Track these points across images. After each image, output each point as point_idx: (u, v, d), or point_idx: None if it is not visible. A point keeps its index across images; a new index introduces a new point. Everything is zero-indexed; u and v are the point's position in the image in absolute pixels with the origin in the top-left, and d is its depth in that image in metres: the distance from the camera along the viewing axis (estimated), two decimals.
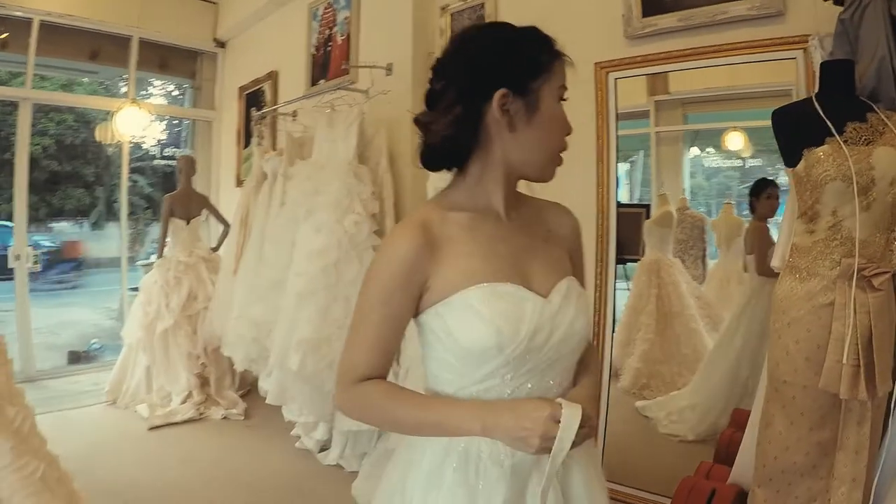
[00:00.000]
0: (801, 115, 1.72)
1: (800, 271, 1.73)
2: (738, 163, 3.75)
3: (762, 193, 3.09)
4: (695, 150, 4.03)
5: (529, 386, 1.05)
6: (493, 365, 1.02)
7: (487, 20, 3.29)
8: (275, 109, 4.36)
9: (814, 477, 1.74)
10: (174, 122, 7.45)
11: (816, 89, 1.81)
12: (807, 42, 2.18)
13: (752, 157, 3.57)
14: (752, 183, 3.30)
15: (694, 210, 4.00)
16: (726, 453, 2.46)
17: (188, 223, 4.35)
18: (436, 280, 1.04)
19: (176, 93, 7.40)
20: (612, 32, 2.89)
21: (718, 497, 2.14)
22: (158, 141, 7.68)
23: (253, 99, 4.90)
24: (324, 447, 3.51)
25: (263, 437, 3.77)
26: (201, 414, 4.01)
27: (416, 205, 3.44)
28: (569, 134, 1.11)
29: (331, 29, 4.12)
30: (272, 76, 4.71)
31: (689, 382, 3.15)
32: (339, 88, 3.65)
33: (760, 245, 2.93)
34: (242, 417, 4.06)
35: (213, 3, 5.50)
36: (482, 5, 3.35)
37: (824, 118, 1.66)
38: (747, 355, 2.84)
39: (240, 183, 4.97)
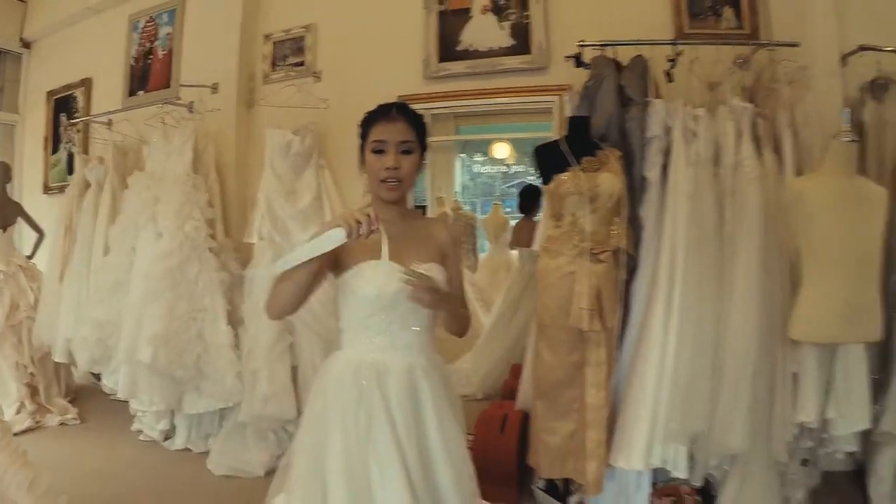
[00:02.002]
0: (553, 151, 2.65)
1: (551, 252, 2.64)
2: (503, 168, 4.77)
3: (529, 197, 4.11)
4: (465, 158, 5.00)
5: (395, 328, 1.72)
6: (374, 308, 1.71)
7: (307, 51, 3.93)
8: (92, 117, 4.49)
9: (572, 387, 2.67)
10: None
11: (565, 133, 2.75)
12: (563, 89, 3.19)
13: (516, 163, 4.60)
14: (516, 185, 4.29)
15: (466, 210, 4.98)
16: (511, 395, 3.37)
17: (4, 231, 4.32)
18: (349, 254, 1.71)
19: None
20: (414, 73, 3.70)
21: (510, 418, 3.06)
22: None
23: (63, 105, 4.91)
24: (167, 436, 3.83)
25: (107, 437, 3.95)
26: (37, 422, 4.06)
27: (242, 211, 4.00)
28: (385, 167, 1.73)
29: (152, 42, 4.40)
30: (86, 83, 4.79)
31: (467, 352, 4.04)
32: (166, 102, 3.99)
33: (529, 234, 3.90)
34: (79, 421, 4.18)
35: (22, 1, 5.33)
36: (302, 38, 3.95)
37: (568, 155, 2.60)
38: (525, 325, 3.78)
39: (47, 189, 4.97)
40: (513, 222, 4.76)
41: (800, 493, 2.85)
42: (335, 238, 1.53)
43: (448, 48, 3.57)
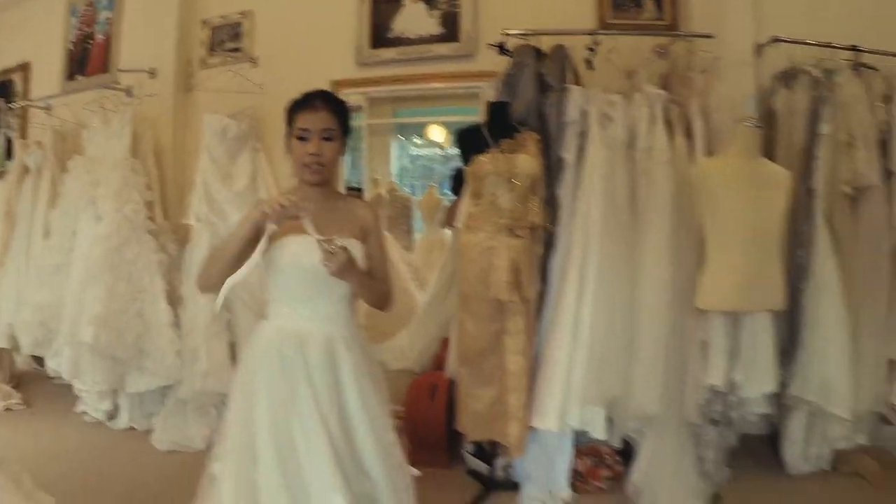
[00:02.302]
0: (475, 135, 2.84)
1: (472, 229, 2.83)
2: (438, 151, 4.94)
3: (461, 179, 4.27)
4: (403, 141, 5.14)
5: (317, 299, 1.87)
6: (297, 279, 1.86)
7: (244, 37, 4.03)
8: (30, 102, 4.50)
9: (494, 354, 2.87)
10: None
11: (486, 118, 2.92)
12: (490, 75, 3.36)
13: (452, 146, 4.76)
14: (450, 167, 4.46)
15: (401, 192, 5.14)
16: (441, 366, 3.55)
17: None
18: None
19: None
20: (347, 59, 3.88)
21: (438, 387, 3.25)
22: None
23: (1, 89, 4.90)
24: (111, 416, 3.91)
25: (52, 420, 4.00)
26: None
27: (179, 193, 4.09)
28: (308, 152, 1.87)
29: (90, 27, 4.42)
30: (24, 68, 4.79)
31: (403, 329, 4.20)
32: (104, 87, 4.04)
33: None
34: (23, 406, 4.21)
35: None
36: (239, 24, 4.04)
37: (488, 137, 2.77)
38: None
39: None
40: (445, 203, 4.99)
41: (712, 453, 3.08)
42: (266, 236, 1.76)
43: (380, 35, 3.75)
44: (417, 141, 5.03)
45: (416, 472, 2.16)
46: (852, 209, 3.23)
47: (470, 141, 2.84)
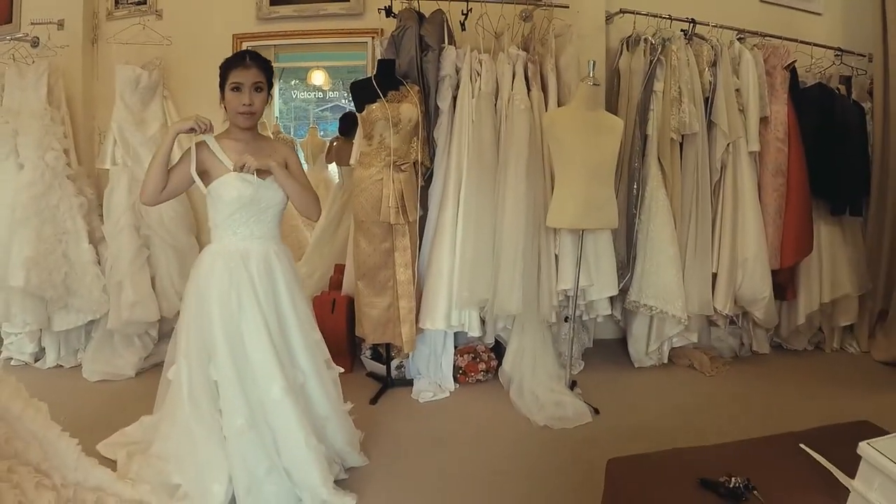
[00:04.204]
0: (366, 86, 3.48)
1: (365, 164, 3.51)
2: (320, 94, 5.51)
3: (349, 122, 5.00)
4: (282, 84, 5.67)
5: (252, 222, 2.42)
6: (236, 207, 2.40)
7: None
8: None
9: (386, 268, 3.61)
10: None
11: (375, 72, 3.61)
12: (376, 33, 4.05)
13: (331, 90, 5.40)
14: (329, 109, 5.06)
15: (285, 134, 5.70)
16: (337, 287, 4.27)
17: None
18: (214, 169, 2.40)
19: None
20: (248, 14, 4.45)
21: (338, 302, 3.98)
22: None
23: None
24: (37, 357, 4.25)
25: None
26: None
27: (89, 140, 4.56)
28: (243, 103, 2.34)
29: None
30: None
31: (298, 261, 4.75)
32: (12, 39, 4.42)
33: (349, 154, 4.74)
34: None
35: None
36: None
37: (377, 88, 3.45)
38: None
39: None
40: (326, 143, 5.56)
41: (567, 349, 3.90)
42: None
43: None
44: (296, 83, 5.59)
45: (340, 368, 2.80)
46: (679, 152, 4.08)
47: (362, 91, 3.50)
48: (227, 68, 2.41)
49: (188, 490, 2.44)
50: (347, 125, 5.15)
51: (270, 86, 2.48)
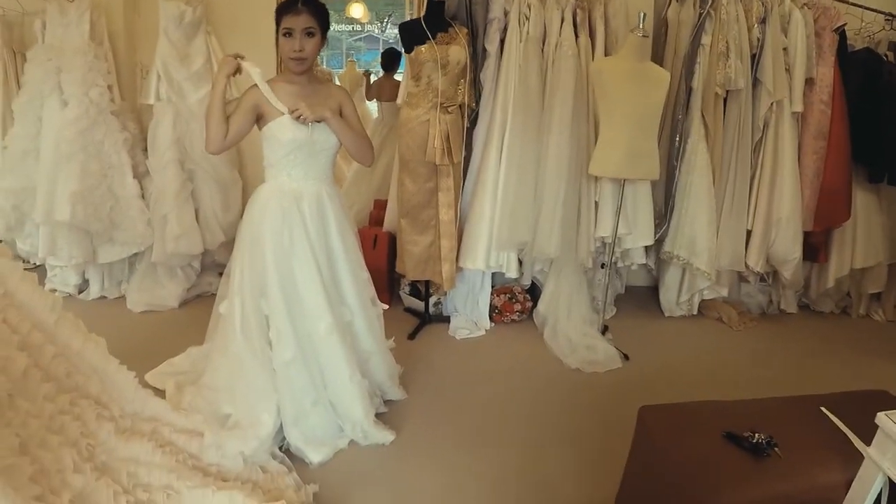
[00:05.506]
0: (415, 27, 3.56)
1: (412, 105, 3.60)
2: (358, 28, 5.51)
3: (391, 58, 5.04)
4: None
5: (306, 163, 2.48)
6: (291, 148, 2.46)
7: None
8: None
9: (429, 207, 3.74)
10: None
11: (424, 13, 3.65)
12: None
13: (370, 23, 5.40)
14: (363, 39, 5.15)
15: (323, 67, 5.65)
16: (378, 223, 4.41)
17: None
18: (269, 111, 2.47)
19: None
20: None
21: (379, 238, 4.14)
22: None
23: None
24: (81, 289, 4.41)
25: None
26: None
27: (132, 76, 4.63)
28: (294, 49, 2.37)
29: None
30: None
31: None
32: None
33: (390, 90, 4.85)
34: None
35: None
36: None
37: (426, 30, 3.52)
38: (388, 170, 4.72)
39: None
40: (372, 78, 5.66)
41: (601, 294, 4.04)
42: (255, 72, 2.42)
43: None
44: (332, 16, 5.64)
45: (384, 305, 2.96)
46: (723, 108, 4.10)
47: (411, 32, 3.58)
48: (280, 13, 2.45)
49: (238, 419, 2.58)
50: (389, 60, 5.22)
51: (326, 30, 2.51)
